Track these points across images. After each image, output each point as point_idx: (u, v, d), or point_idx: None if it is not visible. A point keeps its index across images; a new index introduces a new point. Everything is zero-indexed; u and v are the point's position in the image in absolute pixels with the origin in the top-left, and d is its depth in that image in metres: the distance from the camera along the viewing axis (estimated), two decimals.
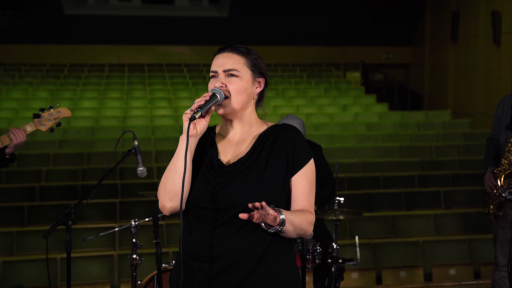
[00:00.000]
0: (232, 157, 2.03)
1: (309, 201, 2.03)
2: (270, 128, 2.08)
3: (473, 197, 7.23)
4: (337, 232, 3.54)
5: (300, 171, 2.01)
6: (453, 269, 5.65)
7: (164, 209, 2.00)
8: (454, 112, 12.28)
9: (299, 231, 1.98)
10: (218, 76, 2.03)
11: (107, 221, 6.36)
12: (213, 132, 2.12)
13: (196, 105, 1.91)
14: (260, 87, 2.08)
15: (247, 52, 2.06)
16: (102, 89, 11.94)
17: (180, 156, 1.95)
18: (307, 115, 10.59)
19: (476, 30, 11.81)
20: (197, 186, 1.99)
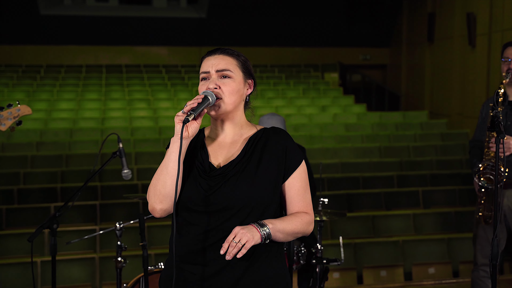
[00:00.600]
0: (222, 160, 2.04)
1: (305, 201, 2.06)
2: (260, 131, 2.09)
3: (451, 196, 7.34)
4: (321, 233, 3.57)
5: (293, 174, 2.04)
6: (432, 268, 5.73)
7: (154, 211, 1.99)
8: (431, 113, 12.44)
9: (295, 235, 2.02)
10: (210, 78, 2.03)
11: (88, 224, 6.31)
12: (202, 135, 2.12)
13: (188, 108, 1.91)
14: (250, 88, 2.10)
15: (237, 54, 2.08)
16: (79, 90, 11.83)
17: (171, 158, 1.94)
18: (286, 116, 10.63)
19: (452, 32, 11.98)
20: (188, 189, 1.99)
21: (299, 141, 9.19)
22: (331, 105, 11.70)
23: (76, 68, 13.74)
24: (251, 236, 1.86)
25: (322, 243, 5.45)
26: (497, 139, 2.67)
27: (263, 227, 1.91)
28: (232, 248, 1.83)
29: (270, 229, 1.91)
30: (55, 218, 2.99)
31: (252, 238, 1.86)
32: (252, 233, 1.87)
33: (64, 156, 8.24)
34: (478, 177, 3.52)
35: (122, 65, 14.15)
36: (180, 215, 2.02)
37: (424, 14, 13.15)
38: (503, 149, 2.69)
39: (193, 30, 14.32)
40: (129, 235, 5.37)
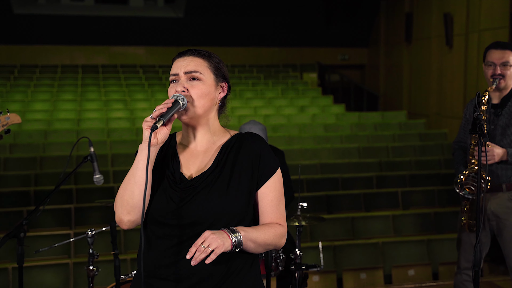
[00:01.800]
0: (195, 171, 1.93)
1: (278, 212, 1.95)
2: (234, 137, 1.99)
3: (429, 197, 7.33)
4: (300, 238, 3.49)
5: (267, 183, 1.93)
6: (412, 269, 5.70)
7: (121, 222, 1.88)
8: (409, 113, 12.48)
9: (267, 246, 1.91)
10: (179, 80, 1.92)
11: (62, 228, 6.16)
12: (174, 141, 2.01)
13: (157, 113, 1.80)
14: (223, 92, 1.99)
15: (209, 55, 1.97)
16: (54, 91, 11.61)
17: (139, 166, 1.83)
18: (265, 117, 10.56)
19: (429, 32, 12.03)
20: (158, 201, 1.88)
21: (278, 142, 9.13)
22: (309, 105, 11.66)
23: (51, 68, 13.49)
24: (221, 242, 1.75)
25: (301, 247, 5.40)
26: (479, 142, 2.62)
27: (234, 234, 1.80)
28: (200, 253, 1.72)
29: (242, 237, 1.81)
30: (22, 227, 2.87)
31: (223, 244, 1.75)
32: (223, 239, 1.76)
33: (38, 159, 8.06)
34: (460, 188, 3.46)
35: (98, 65, 13.93)
36: (149, 228, 1.91)
37: (401, 14, 13.19)
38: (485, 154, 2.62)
39: (170, 30, 14.18)
40: (104, 239, 5.24)
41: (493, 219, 3.55)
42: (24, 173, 7.51)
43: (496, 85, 3.50)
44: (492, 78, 3.52)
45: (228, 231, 1.80)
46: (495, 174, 3.50)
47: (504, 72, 3.51)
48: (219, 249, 1.74)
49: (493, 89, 3.49)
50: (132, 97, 11.58)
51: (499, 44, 3.57)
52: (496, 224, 3.54)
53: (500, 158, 3.42)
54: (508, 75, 3.53)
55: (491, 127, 3.55)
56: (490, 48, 3.58)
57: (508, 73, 3.53)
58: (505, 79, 3.52)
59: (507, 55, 3.51)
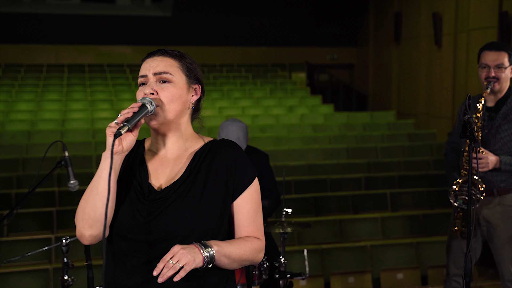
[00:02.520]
0: (164, 181, 1.78)
1: (255, 225, 1.82)
2: (208, 144, 1.84)
3: (419, 198, 7.25)
4: (284, 245, 3.37)
5: (243, 194, 1.80)
6: (401, 273, 5.60)
7: (82, 237, 1.73)
8: (398, 113, 12.42)
9: (242, 262, 1.78)
10: (148, 82, 1.78)
11: (43, 232, 6.01)
12: (142, 148, 1.86)
13: (122, 118, 1.65)
14: (196, 95, 1.84)
15: (180, 55, 1.82)
16: (39, 90, 11.43)
17: (102, 176, 1.68)
18: (253, 117, 10.45)
19: (418, 31, 11.97)
20: (124, 215, 1.73)
21: (266, 143, 9.03)
22: (298, 105, 11.56)
23: (37, 67, 13.30)
24: (191, 258, 1.61)
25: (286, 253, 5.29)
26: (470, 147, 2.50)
27: (206, 248, 1.66)
28: (168, 270, 1.58)
29: (215, 252, 1.67)
30: None
31: (193, 260, 1.61)
32: (194, 255, 1.62)
33: (21, 160, 7.90)
34: (455, 198, 3.33)
35: (84, 64, 13.76)
36: (114, 243, 1.76)
37: (390, 14, 13.13)
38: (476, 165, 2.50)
39: (158, 29, 14.03)
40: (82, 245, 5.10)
41: (484, 224, 3.45)
42: (6, 175, 7.34)
43: (491, 88, 3.36)
44: (486, 81, 3.35)
45: (199, 245, 1.67)
46: (487, 180, 3.38)
47: (498, 74, 3.35)
48: (188, 266, 1.60)
49: (488, 93, 3.34)
50: (118, 97, 11.43)
51: (494, 45, 3.41)
52: (487, 229, 3.44)
53: (494, 166, 3.30)
54: (502, 78, 3.36)
55: (485, 131, 3.42)
56: (484, 49, 3.41)
57: (503, 76, 3.36)
58: (500, 81, 3.35)
59: (502, 56, 3.35)
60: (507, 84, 3.44)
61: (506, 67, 3.37)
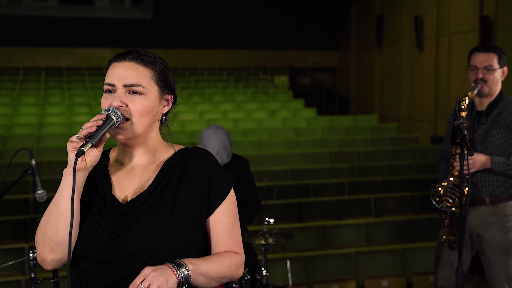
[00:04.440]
0: (130, 193, 1.64)
1: (234, 239, 1.70)
2: (178, 153, 1.70)
3: (402, 203, 7.16)
4: (266, 257, 3.23)
5: (220, 208, 1.67)
6: (385, 280, 5.50)
7: (44, 262, 1.58)
8: (381, 116, 12.37)
9: (221, 279, 1.65)
10: (116, 91, 1.61)
11: (17, 241, 5.79)
12: (106, 158, 1.72)
13: (85, 132, 1.50)
14: (168, 105, 1.69)
15: (153, 62, 1.65)
16: (15, 94, 11.17)
17: (64, 195, 1.53)
18: (235, 121, 10.31)
19: (400, 35, 11.96)
20: (86, 233, 1.58)
21: (248, 147, 8.89)
22: (280, 109, 11.44)
23: (13, 70, 13.02)
24: (164, 281, 1.48)
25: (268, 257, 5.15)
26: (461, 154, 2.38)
27: (180, 268, 1.53)
28: None
29: (190, 271, 1.54)
30: None
31: (166, 282, 1.48)
32: (166, 276, 1.49)
33: None
34: (438, 200, 3.18)
35: (62, 67, 13.51)
36: (78, 265, 1.61)
37: (372, 17, 13.10)
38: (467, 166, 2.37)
39: (138, 32, 13.83)
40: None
41: (475, 235, 3.31)
42: None
43: (478, 90, 3.24)
44: (474, 83, 3.26)
45: (172, 265, 1.53)
46: (476, 186, 3.26)
47: (486, 76, 3.24)
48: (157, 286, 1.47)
49: (474, 94, 3.23)
50: (97, 100, 11.21)
51: (483, 46, 3.33)
52: (478, 241, 3.31)
53: (483, 166, 3.17)
54: (491, 80, 3.25)
55: (474, 136, 3.31)
56: (474, 51, 3.32)
57: (492, 78, 3.25)
58: (488, 84, 3.25)
59: (491, 58, 3.25)
60: (497, 87, 3.32)
61: (495, 69, 3.26)
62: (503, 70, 3.32)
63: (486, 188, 3.26)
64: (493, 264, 3.25)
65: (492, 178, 3.25)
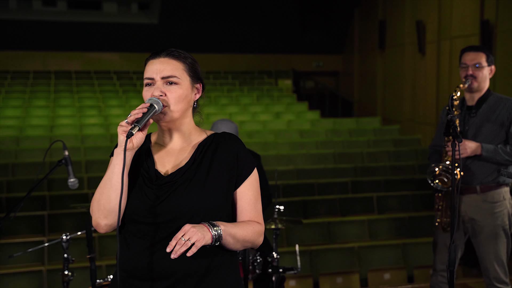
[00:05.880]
0: (170, 168, 1.92)
1: (256, 211, 1.97)
2: (210, 136, 1.99)
3: (404, 202, 7.40)
4: (277, 241, 3.49)
5: (245, 182, 1.94)
6: (388, 273, 5.73)
7: (98, 226, 1.86)
8: (384, 119, 12.60)
9: (245, 243, 1.92)
10: (155, 84, 1.90)
11: (35, 235, 6.05)
12: (148, 141, 2.00)
13: (132, 118, 1.79)
14: (198, 93, 1.99)
15: (184, 56, 1.95)
16: (26, 97, 11.44)
17: (115, 171, 1.82)
18: (240, 123, 10.56)
19: (402, 39, 12.18)
20: (134, 200, 1.87)
21: (253, 148, 9.13)
22: (285, 111, 11.70)
23: (23, 74, 13.31)
24: (201, 236, 1.74)
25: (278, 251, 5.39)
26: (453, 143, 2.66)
27: (214, 227, 1.80)
28: (180, 246, 1.71)
29: (221, 231, 1.81)
30: None
31: (203, 237, 1.75)
32: (203, 232, 1.76)
33: (10, 165, 7.93)
34: (432, 179, 3.51)
35: (71, 71, 13.79)
36: (126, 227, 1.89)
37: (375, 22, 13.34)
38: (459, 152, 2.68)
39: (145, 36, 14.10)
40: (79, 246, 5.17)
41: (468, 221, 3.60)
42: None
43: (468, 85, 3.56)
44: (465, 79, 3.59)
45: (208, 224, 1.80)
46: (468, 176, 3.54)
47: (476, 73, 3.57)
48: (199, 242, 1.73)
49: (465, 87, 3.55)
50: (106, 103, 11.48)
51: (473, 47, 3.66)
52: (471, 226, 3.59)
53: (473, 152, 3.47)
54: (480, 77, 3.58)
55: (465, 128, 3.60)
56: (465, 50, 3.65)
57: (481, 75, 3.58)
58: (477, 80, 3.58)
59: (479, 56, 3.58)
60: (485, 84, 3.64)
61: (483, 66, 3.59)
62: (491, 68, 3.64)
63: (477, 177, 3.55)
64: (484, 246, 3.54)
65: (482, 169, 3.54)
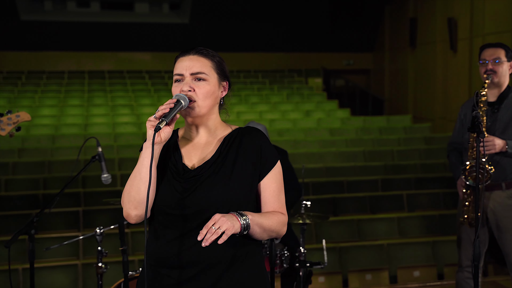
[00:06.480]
0: (196, 161, 2.00)
1: (279, 202, 2.03)
2: (235, 131, 2.06)
3: (435, 199, 7.36)
4: (304, 236, 3.54)
5: (269, 174, 2.01)
6: (417, 271, 5.73)
7: (129, 217, 1.95)
8: (415, 117, 12.51)
9: (270, 233, 1.98)
10: (184, 80, 1.98)
11: (71, 230, 6.23)
12: (175, 136, 2.08)
13: (160, 113, 1.87)
14: (225, 90, 2.06)
15: (212, 55, 2.03)
16: (62, 96, 11.72)
17: (144, 163, 1.90)
18: (270, 121, 10.62)
19: (434, 36, 12.08)
20: (163, 192, 1.95)
21: (283, 146, 9.18)
22: (315, 110, 11.72)
23: (58, 74, 13.62)
24: (231, 224, 1.81)
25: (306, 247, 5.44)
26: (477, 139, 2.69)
27: (243, 217, 1.87)
28: (211, 235, 1.78)
29: (249, 220, 1.88)
30: (32, 224, 2.94)
31: (233, 226, 1.81)
32: (233, 221, 1.82)
33: (46, 163, 8.15)
34: (465, 177, 3.52)
35: (105, 71, 14.05)
36: (156, 219, 1.98)
37: (406, 19, 13.25)
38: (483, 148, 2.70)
39: (176, 36, 14.28)
40: (112, 241, 5.31)
41: (492, 217, 3.60)
42: (33, 177, 7.59)
43: (491, 79, 3.58)
44: (485, 75, 3.61)
45: (236, 214, 1.87)
46: (500, 168, 3.54)
47: (496, 68, 3.59)
48: (229, 231, 1.80)
49: (489, 82, 3.57)
50: (138, 102, 11.67)
51: (491, 43, 3.69)
52: (496, 222, 3.59)
53: (501, 149, 3.48)
54: (500, 72, 3.60)
55: (488, 123, 3.61)
56: (484, 47, 3.67)
57: (500, 70, 3.60)
58: (497, 75, 3.60)
59: (498, 52, 3.60)
60: (506, 79, 3.67)
61: (503, 61, 3.61)
62: (510, 64, 3.66)
63: (503, 174, 3.56)
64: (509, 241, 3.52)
65: (507, 166, 3.54)
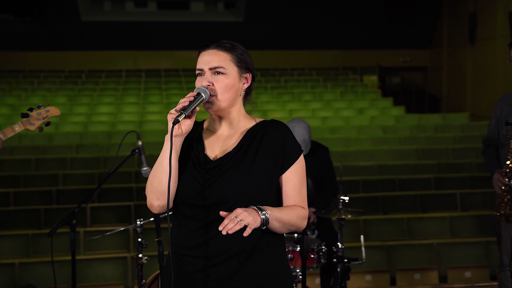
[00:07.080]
0: (219, 153, 2.02)
1: (300, 196, 2.03)
2: (258, 124, 2.07)
3: (490, 199, 7.11)
4: (342, 231, 3.52)
5: (291, 168, 2.01)
6: (468, 271, 5.58)
7: (152, 207, 2.00)
8: (473, 115, 12.16)
9: (290, 227, 1.99)
10: (204, 74, 2.01)
11: (123, 224, 6.40)
12: (200, 128, 2.11)
13: (180, 106, 1.90)
14: (247, 82, 2.07)
15: (232, 48, 2.04)
16: (119, 94, 12.05)
17: (165, 155, 1.93)
18: (323, 119, 10.57)
19: (494, 32, 11.71)
20: (184, 183, 1.98)
21: (335, 144, 9.12)
22: (368, 107, 11.58)
23: (116, 73, 14.00)
24: (252, 219, 1.83)
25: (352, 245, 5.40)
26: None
27: (262, 212, 1.89)
28: (233, 224, 1.80)
29: (268, 215, 1.90)
30: (74, 214, 3.05)
31: (254, 221, 1.84)
32: (254, 216, 1.84)
33: (102, 159, 8.40)
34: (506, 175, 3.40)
35: (161, 69, 14.34)
36: (178, 209, 2.02)
37: (465, 14, 12.89)
38: None
39: (231, 34, 14.39)
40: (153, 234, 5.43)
41: None
42: (89, 172, 7.85)
43: None
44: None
45: (257, 208, 1.89)
46: None
47: None
48: (252, 225, 1.83)
49: None
50: None
51: None
52: None
53: None
54: None
55: None
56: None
57: None
58: None
59: None
60: None
61: None
62: None
63: None
64: None
65: None
